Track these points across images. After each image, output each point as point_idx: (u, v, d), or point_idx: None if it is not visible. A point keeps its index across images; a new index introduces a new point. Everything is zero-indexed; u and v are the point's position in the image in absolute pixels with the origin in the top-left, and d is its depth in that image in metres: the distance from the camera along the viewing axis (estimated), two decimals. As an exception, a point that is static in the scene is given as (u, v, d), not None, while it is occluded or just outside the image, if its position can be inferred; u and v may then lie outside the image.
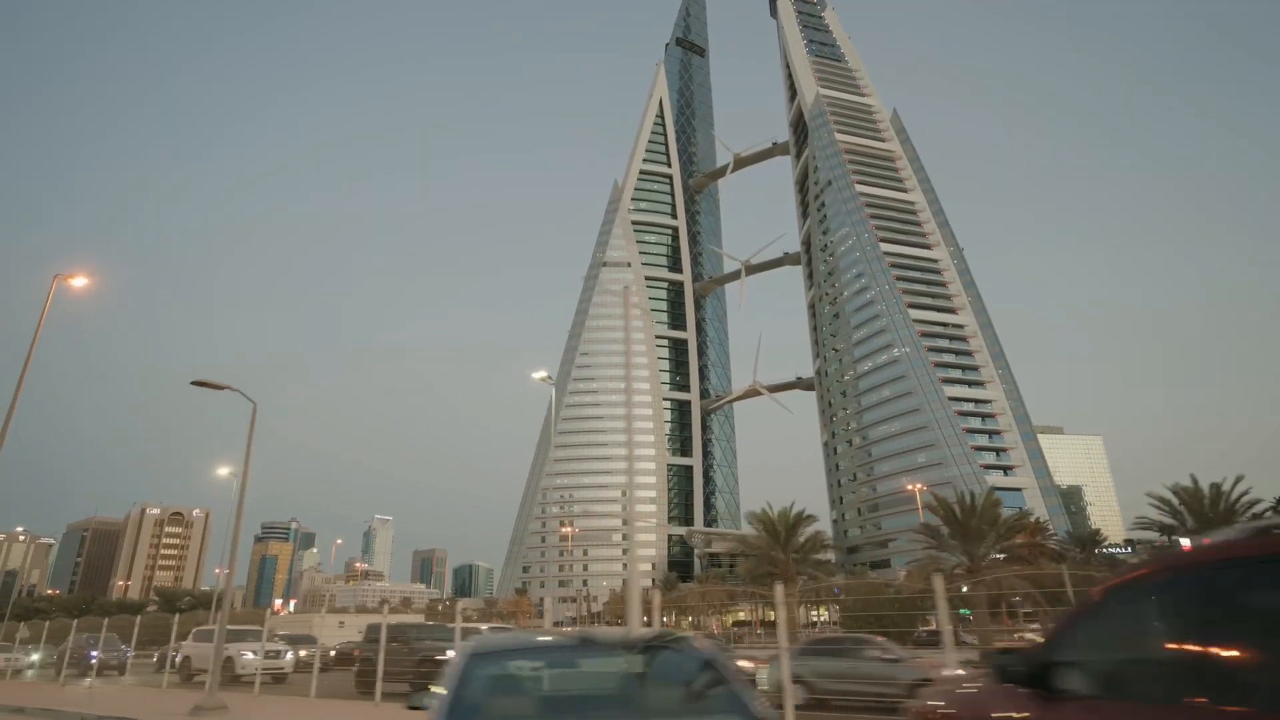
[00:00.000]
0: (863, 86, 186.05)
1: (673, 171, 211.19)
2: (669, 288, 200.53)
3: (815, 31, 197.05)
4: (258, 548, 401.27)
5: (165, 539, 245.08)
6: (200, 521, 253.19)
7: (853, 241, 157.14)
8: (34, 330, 18.82)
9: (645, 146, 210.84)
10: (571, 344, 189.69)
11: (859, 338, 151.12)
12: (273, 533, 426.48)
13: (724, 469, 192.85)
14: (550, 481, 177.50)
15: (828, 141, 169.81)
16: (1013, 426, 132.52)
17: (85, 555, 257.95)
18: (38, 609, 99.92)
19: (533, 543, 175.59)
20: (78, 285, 27.73)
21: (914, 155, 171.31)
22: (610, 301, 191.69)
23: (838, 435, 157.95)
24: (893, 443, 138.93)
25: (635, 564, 69.08)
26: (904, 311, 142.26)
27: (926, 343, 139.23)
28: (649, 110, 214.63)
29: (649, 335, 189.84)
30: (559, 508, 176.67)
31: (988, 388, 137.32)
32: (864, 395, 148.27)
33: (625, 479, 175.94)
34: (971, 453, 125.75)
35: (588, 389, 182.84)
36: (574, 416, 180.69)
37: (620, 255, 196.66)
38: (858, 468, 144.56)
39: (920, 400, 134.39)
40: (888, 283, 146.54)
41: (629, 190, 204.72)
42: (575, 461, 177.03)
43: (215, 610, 70.62)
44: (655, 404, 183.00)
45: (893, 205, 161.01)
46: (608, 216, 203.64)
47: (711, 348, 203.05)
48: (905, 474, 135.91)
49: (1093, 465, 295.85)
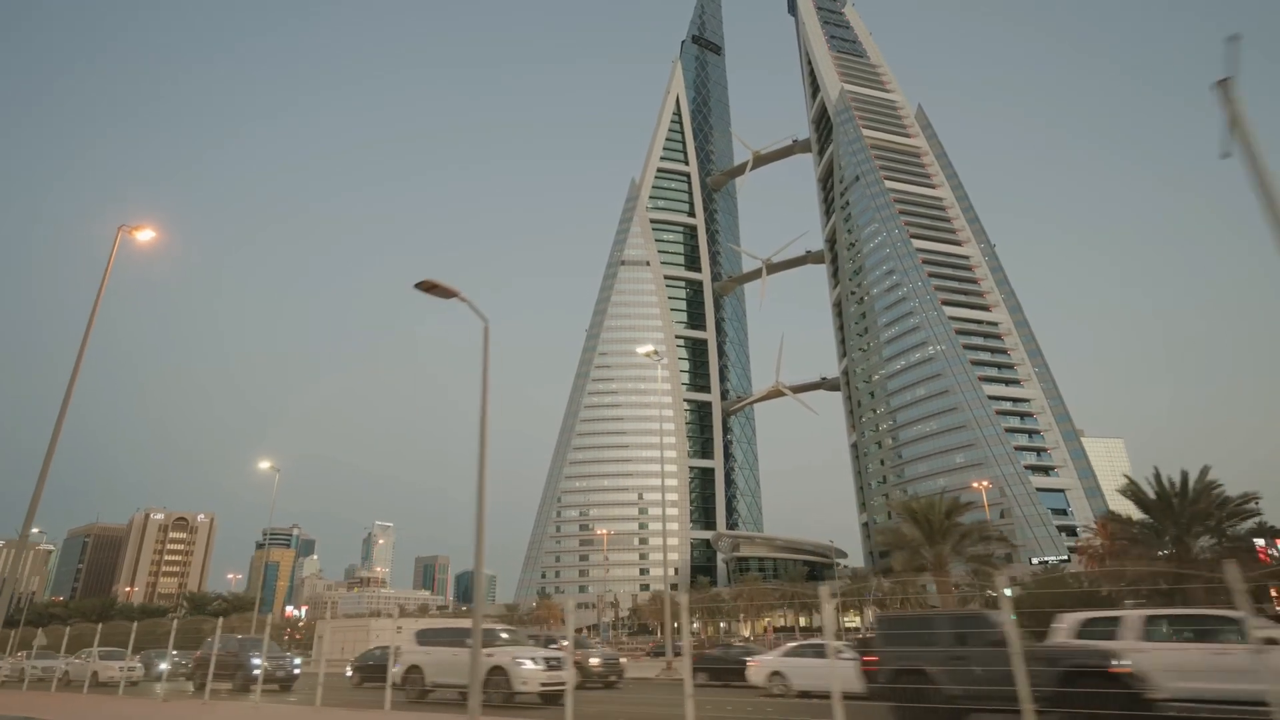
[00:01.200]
0: (886, 82, 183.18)
1: (690, 169, 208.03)
2: (687, 287, 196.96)
3: (836, 28, 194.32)
4: (259, 554, 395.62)
5: (170, 544, 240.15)
6: (205, 526, 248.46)
7: (882, 238, 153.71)
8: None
9: (663, 144, 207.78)
10: (589, 344, 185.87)
11: (890, 335, 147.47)
12: (274, 539, 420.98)
13: (745, 471, 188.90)
14: (569, 484, 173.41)
15: (853, 137, 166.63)
16: (1053, 426, 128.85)
17: (87, 562, 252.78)
18: (53, 615, 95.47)
19: (550, 546, 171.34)
20: (144, 239, 24.21)
21: (940, 151, 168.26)
22: (629, 301, 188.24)
23: (867, 436, 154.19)
24: (928, 443, 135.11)
25: (667, 568, 65.11)
26: (938, 308, 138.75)
27: (962, 340, 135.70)
28: (666, 108, 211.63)
29: (669, 335, 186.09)
30: (578, 511, 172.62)
31: (1024, 386, 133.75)
32: (896, 395, 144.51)
33: (645, 481, 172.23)
34: (1014, 453, 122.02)
35: (606, 389, 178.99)
36: (593, 418, 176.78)
37: (639, 254, 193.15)
38: (890, 469, 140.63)
39: (958, 399, 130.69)
40: (920, 279, 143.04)
41: (646, 188, 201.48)
42: (595, 464, 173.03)
43: (256, 614, 66.70)
44: (676, 405, 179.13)
45: (920, 201, 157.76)
46: (625, 214, 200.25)
47: (731, 348, 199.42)
48: (942, 474, 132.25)
49: (1114, 467, 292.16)
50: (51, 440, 20.71)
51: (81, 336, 21.44)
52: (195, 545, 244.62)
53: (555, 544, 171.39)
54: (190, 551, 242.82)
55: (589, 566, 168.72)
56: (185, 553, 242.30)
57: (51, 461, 19.99)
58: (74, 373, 21.33)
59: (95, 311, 23.12)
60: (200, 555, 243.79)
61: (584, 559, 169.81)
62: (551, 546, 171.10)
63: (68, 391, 21.46)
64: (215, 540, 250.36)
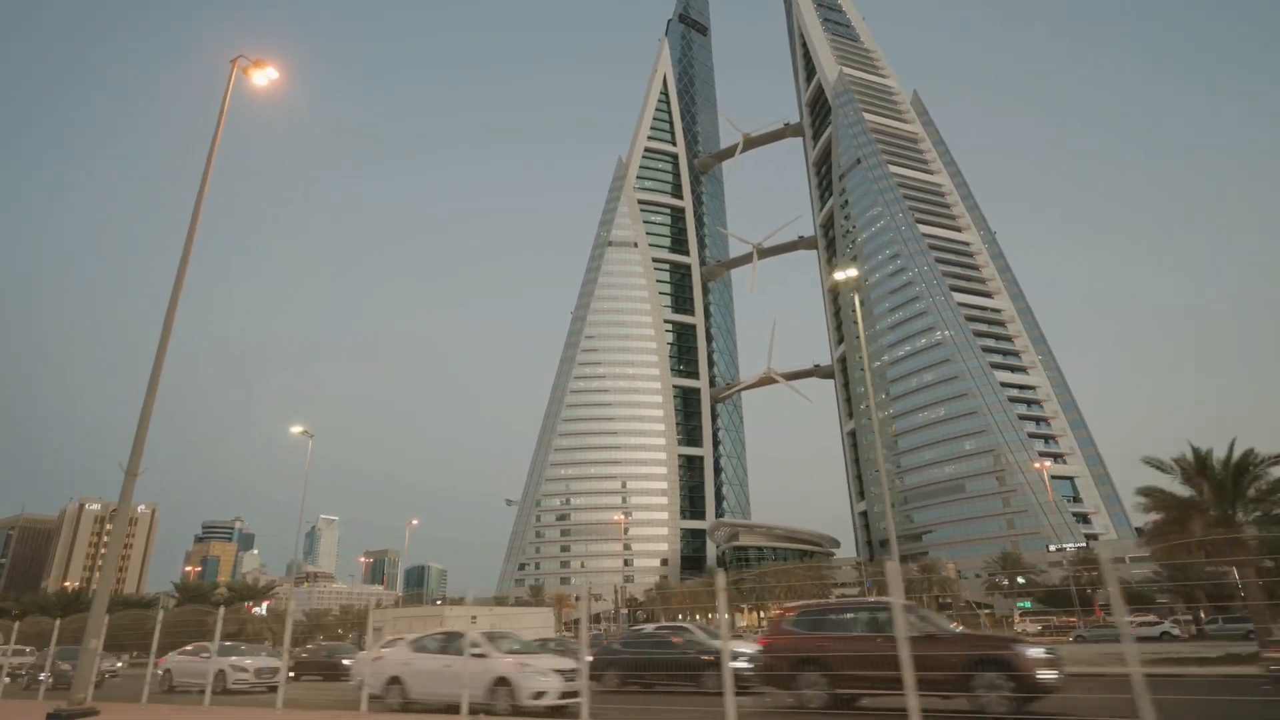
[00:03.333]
0: (880, 68, 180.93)
1: (678, 150, 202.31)
2: (673, 270, 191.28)
3: (830, 10, 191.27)
4: (198, 548, 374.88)
5: (106, 537, 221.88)
6: (146, 519, 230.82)
7: (884, 222, 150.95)
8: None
9: (650, 124, 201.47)
10: (575, 326, 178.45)
11: (895, 320, 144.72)
12: (214, 533, 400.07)
13: (733, 460, 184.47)
14: (554, 471, 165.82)
15: (853, 120, 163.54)
16: (1059, 413, 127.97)
17: (11, 555, 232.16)
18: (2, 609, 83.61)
19: (532, 537, 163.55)
20: (260, 83, 17.72)
21: (938, 138, 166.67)
22: (616, 283, 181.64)
23: (865, 424, 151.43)
24: (935, 429, 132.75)
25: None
26: (947, 293, 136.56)
27: (970, 326, 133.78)
28: (654, 86, 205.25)
29: (657, 319, 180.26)
30: (561, 500, 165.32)
31: (1030, 373, 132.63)
32: (899, 381, 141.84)
33: (633, 469, 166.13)
34: (1027, 440, 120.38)
35: (594, 373, 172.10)
36: (579, 404, 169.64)
37: (627, 234, 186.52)
38: (898, 455, 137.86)
39: (968, 385, 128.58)
40: (927, 264, 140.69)
41: (634, 167, 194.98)
42: (581, 451, 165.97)
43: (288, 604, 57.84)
44: (665, 391, 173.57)
45: (920, 187, 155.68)
46: (612, 194, 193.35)
47: (718, 334, 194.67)
48: (949, 461, 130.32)
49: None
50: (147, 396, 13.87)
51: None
52: (135, 538, 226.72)
53: (537, 535, 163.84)
54: (130, 545, 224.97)
55: (570, 557, 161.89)
56: (125, 546, 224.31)
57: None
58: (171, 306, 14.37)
59: (213, 151, 16.08)
60: (141, 549, 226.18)
61: (565, 549, 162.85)
62: (534, 537, 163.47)
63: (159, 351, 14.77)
64: (158, 532, 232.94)
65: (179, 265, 15.79)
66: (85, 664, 13.98)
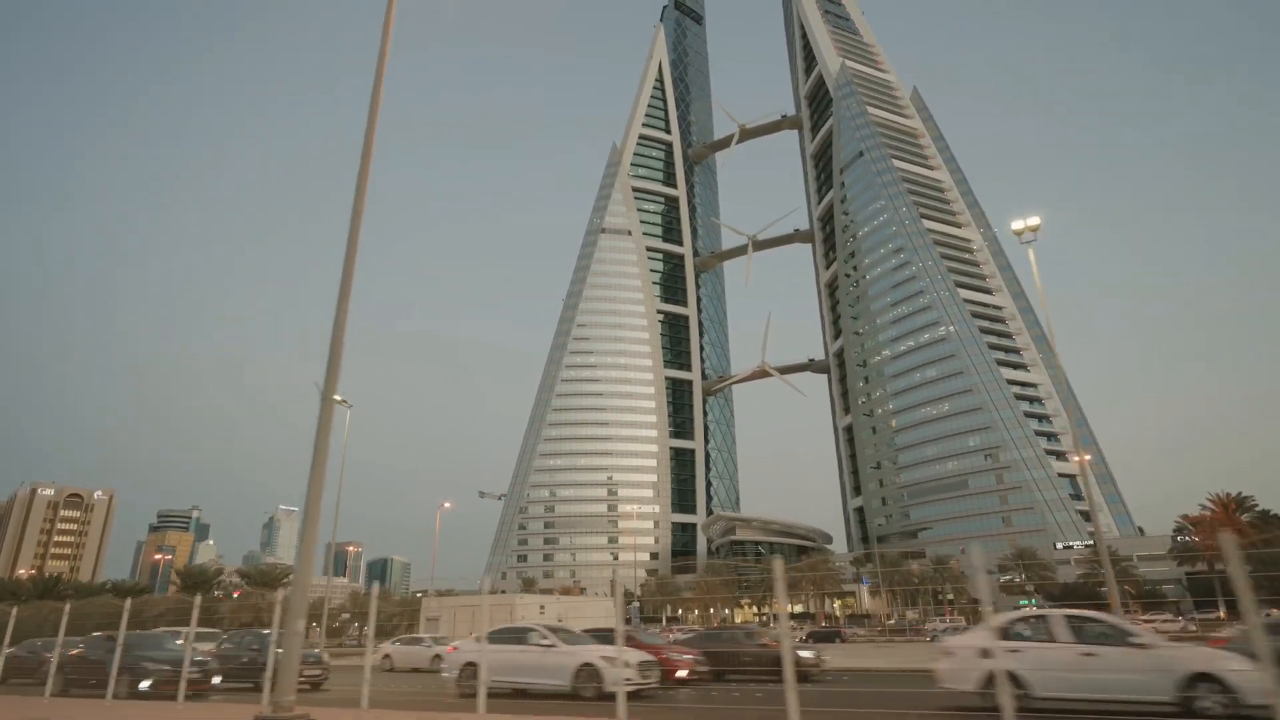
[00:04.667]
0: (880, 62, 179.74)
1: (673, 139, 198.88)
2: (666, 260, 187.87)
3: (830, 4, 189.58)
4: (153, 538, 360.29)
5: (61, 524, 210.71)
6: (103, 504, 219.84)
7: (887, 216, 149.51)
8: None
9: (645, 111, 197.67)
10: (567, 314, 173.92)
11: (896, 315, 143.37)
12: (170, 522, 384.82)
13: (723, 454, 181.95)
14: (543, 462, 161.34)
15: (856, 112, 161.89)
16: (1060, 411, 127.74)
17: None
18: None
19: (519, 529, 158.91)
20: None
21: (938, 134, 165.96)
22: (610, 271, 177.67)
23: (862, 419, 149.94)
24: (937, 425, 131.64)
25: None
26: (951, 289, 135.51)
27: (974, 322, 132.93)
28: (648, 72, 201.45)
29: (649, 309, 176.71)
30: (549, 491, 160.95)
31: (1032, 370, 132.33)
32: (900, 377, 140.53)
33: (623, 461, 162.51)
34: (1033, 437, 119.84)
35: (585, 361, 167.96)
36: (570, 393, 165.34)
37: (620, 222, 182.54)
38: (898, 451, 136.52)
39: (973, 380, 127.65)
40: (932, 259, 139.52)
41: (628, 154, 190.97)
42: (571, 441, 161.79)
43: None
44: (657, 383, 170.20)
45: (921, 182, 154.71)
46: (605, 180, 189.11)
47: (710, 326, 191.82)
48: (952, 458, 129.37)
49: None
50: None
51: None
52: (91, 525, 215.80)
53: (521, 527, 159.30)
54: (84, 532, 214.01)
55: (557, 549, 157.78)
56: (79, 534, 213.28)
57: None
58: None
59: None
60: (97, 537, 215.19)
61: (551, 542, 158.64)
62: (521, 529, 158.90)
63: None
64: (114, 519, 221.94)
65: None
66: (289, 656, 10.01)
